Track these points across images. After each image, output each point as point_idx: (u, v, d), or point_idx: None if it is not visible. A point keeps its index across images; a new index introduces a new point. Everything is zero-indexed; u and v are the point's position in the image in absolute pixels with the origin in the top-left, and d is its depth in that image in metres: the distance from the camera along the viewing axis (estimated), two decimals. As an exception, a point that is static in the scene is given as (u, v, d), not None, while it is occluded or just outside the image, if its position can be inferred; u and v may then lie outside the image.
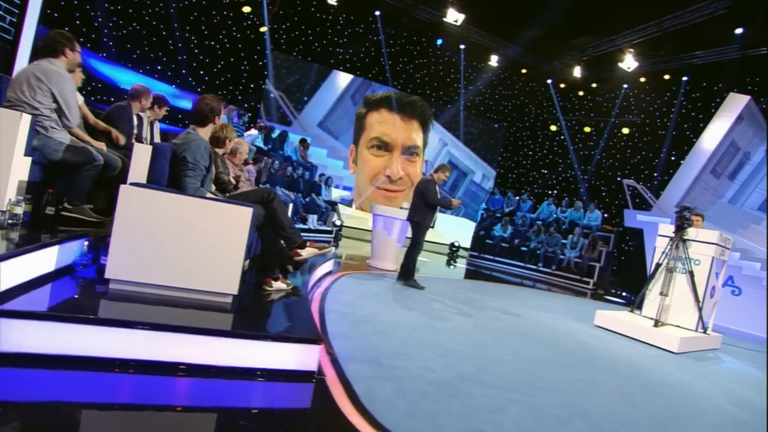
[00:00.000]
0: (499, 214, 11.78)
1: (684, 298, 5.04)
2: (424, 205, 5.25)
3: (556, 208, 11.42)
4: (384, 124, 12.62)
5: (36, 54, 3.92)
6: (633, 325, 4.84)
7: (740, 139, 9.10)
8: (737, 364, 4.64)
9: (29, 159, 2.64)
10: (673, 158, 11.82)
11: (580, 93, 13.64)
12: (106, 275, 2.22)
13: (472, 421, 2.05)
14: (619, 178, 12.82)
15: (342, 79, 12.15)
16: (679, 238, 5.03)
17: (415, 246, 5.30)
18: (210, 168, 2.57)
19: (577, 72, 12.08)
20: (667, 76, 11.75)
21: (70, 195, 2.82)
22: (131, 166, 2.40)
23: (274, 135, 9.27)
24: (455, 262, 10.35)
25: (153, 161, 2.42)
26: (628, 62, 10.55)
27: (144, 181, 2.42)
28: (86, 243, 2.54)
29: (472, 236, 11.46)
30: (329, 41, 12.33)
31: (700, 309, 4.94)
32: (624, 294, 9.31)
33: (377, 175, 12.52)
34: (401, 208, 6.52)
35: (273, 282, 2.86)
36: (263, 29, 10.73)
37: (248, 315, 2.50)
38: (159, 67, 10.59)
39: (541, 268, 10.22)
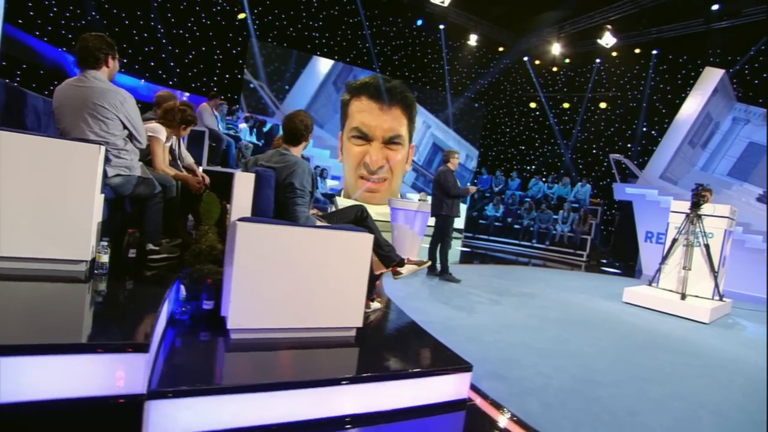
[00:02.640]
0: (488, 194, 11.99)
1: (699, 270, 5.38)
2: (447, 197, 5.22)
3: (544, 185, 11.78)
4: (363, 113, 12.32)
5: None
6: (661, 299, 5.14)
7: (713, 110, 9.70)
8: (757, 328, 5.04)
9: (102, 197, 2.36)
10: (644, 129, 12.47)
11: (554, 69, 13.93)
12: (229, 326, 2.04)
13: (626, 427, 2.13)
14: (594, 151, 13.39)
15: (323, 65, 11.70)
16: (695, 214, 5.34)
17: (445, 240, 5.30)
18: (314, 191, 2.40)
19: (554, 49, 12.28)
20: (637, 50, 12.21)
21: (149, 233, 2.55)
22: (233, 198, 2.18)
23: (266, 129, 8.83)
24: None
25: (257, 190, 2.21)
26: (607, 39, 10.83)
27: (249, 214, 2.22)
28: (183, 286, 2.32)
29: (464, 217, 11.62)
30: (304, 25, 11.78)
31: (716, 279, 5.32)
32: (617, 264, 9.87)
33: (359, 164, 12.32)
34: (419, 200, 6.43)
35: (371, 303, 2.77)
36: (242, 16, 10.05)
37: (379, 348, 2.37)
38: (125, 60, 9.71)
39: (536, 245, 10.59)
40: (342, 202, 11.20)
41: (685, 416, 2.34)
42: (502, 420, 2.05)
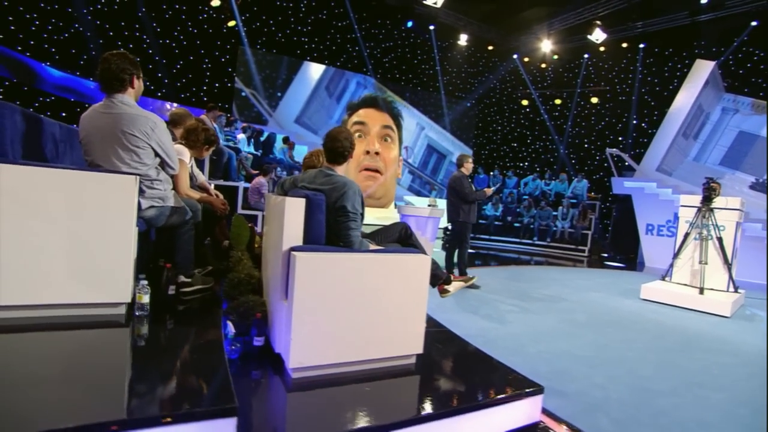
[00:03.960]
0: (486, 194, 11.98)
1: (713, 262, 5.42)
2: (464, 203, 5.12)
3: (541, 182, 11.82)
4: (360, 115, 12.28)
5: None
6: (679, 295, 5.15)
7: (704, 102, 9.87)
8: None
9: (136, 230, 2.20)
10: (635, 122, 12.63)
11: (543, 66, 14.02)
12: (290, 365, 1.91)
13: (704, 444, 2.07)
14: (586, 145, 13.52)
15: (314, 70, 11.53)
16: (707, 207, 5.37)
17: (464, 246, 5.21)
18: (364, 213, 2.28)
19: (544, 46, 12.35)
20: (625, 45, 12.36)
21: (181, 264, 2.39)
22: (285, 225, 2.04)
23: (263, 138, 8.64)
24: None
25: (309, 215, 2.09)
26: (597, 34, 10.93)
27: (301, 241, 2.09)
28: (230, 323, 2.18)
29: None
30: (293, 31, 11.60)
31: (730, 271, 5.36)
32: (617, 257, 9.95)
33: (360, 158, 12.18)
34: (429, 206, 6.35)
35: (447, 287, 2.68)
36: (231, 23, 9.82)
37: (442, 375, 2.25)
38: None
39: (537, 242, 10.61)
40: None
41: (757, 423, 2.29)
42: (581, 444, 1.97)
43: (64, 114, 8.61)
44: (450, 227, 5.36)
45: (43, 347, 1.75)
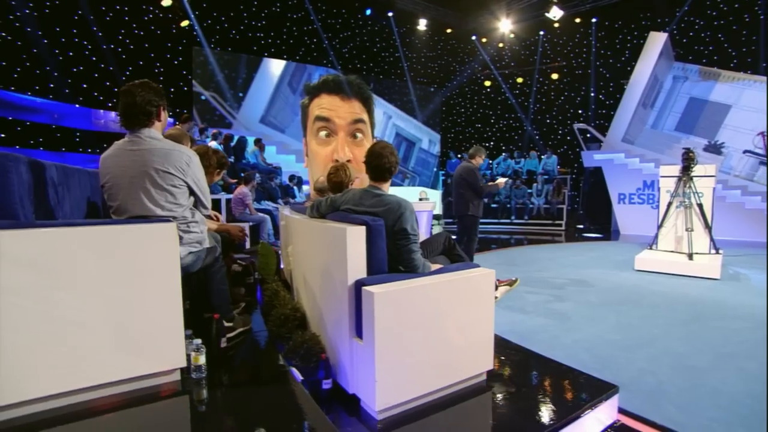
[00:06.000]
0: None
1: (695, 228, 5.73)
2: (475, 196, 4.97)
3: (512, 161, 12.05)
4: (323, 108, 11.89)
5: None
6: (671, 263, 5.42)
7: (659, 72, 10.34)
8: (755, 274, 5.47)
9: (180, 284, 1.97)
10: (592, 94, 13.09)
11: (500, 45, 14.17)
12: (377, 408, 1.79)
13: (769, 420, 2.16)
14: (548, 121, 13.89)
15: (275, 66, 11.04)
16: (688, 177, 5.65)
17: (473, 240, 5.16)
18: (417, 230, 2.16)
19: (503, 26, 12.46)
20: (578, 20, 12.70)
21: (220, 307, 2.18)
22: (348, 257, 1.88)
23: (233, 143, 8.20)
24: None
25: (370, 244, 1.94)
26: (554, 12, 11.13)
27: (365, 273, 1.94)
28: (295, 368, 2.02)
29: (441, 204, 11.65)
30: (248, 26, 11.01)
31: (710, 234, 5.70)
32: (593, 228, 10.37)
33: (328, 165, 11.91)
34: (420, 199, 6.29)
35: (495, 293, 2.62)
36: (185, 23, 9.15)
37: (516, 389, 2.15)
38: (51, 86, 8.54)
39: (515, 221, 10.87)
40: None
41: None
42: (663, 439, 2.00)
43: (3, 135, 7.80)
44: (458, 222, 5.14)
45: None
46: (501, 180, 5.16)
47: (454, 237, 2.79)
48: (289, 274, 2.99)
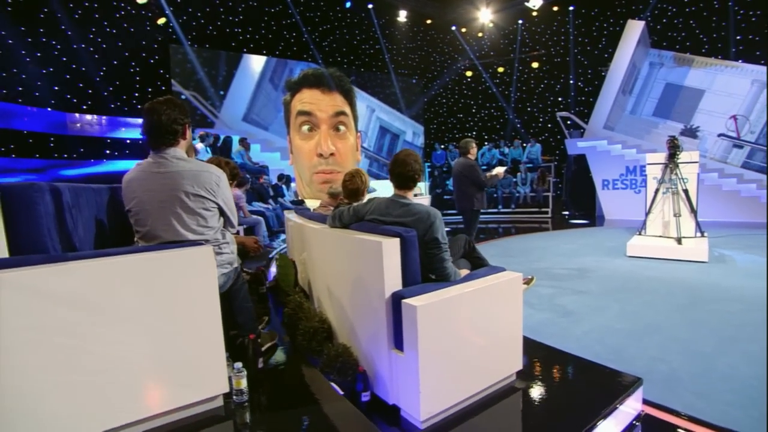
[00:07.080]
0: (445, 168, 12.17)
1: (682, 212, 5.95)
2: (477, 190, 5.00)
3: (496, 150, 12.18)
4: (305, 103, 11.76)
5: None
6: (661, 248, 5.63)
7: (637, 59, 10.59)
8: (740, 255, 5.74)
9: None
10: (571, 82, 13.31)
11: (480, 35, 14.22)
12: (422, 418, 1.82)
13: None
14: (529, 109, 14.08)
15: (255, 62, 10.79)
16: (674, 163, 5.85)
17: (472, 235, 5.23)
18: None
19: (483, 16, 12.48)
20: (555, 8, 12.83)
21: (246, 324, 2.15)
22: (385, 270, 1.88)
23: (219, 144, 8.01)
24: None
25: (404, 255, 1.95)
26: (534, 1, 11.21)
27: (400, 284, 1.95)
28: (333, 383, 2.02)
29: (429, 197, 11.71)
30: (225, 22, 10.69)
31: (696, 218, 5.93)
32: (578, 214, 10.63)
33: (312, 160, 11.82)
34: (415, 195, 6.29)
35: None
36: (162, 20, 8.81)
37: (544, 389, 2.21)
38: (19, 88, 8.14)
39: (502, 210, 11.04)
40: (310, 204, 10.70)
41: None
42: (682, 423, 2.09)
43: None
44: (463, 217, 5.16)
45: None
46: (500, 169, 5.15)
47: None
48: (306, 282, 2.98)
